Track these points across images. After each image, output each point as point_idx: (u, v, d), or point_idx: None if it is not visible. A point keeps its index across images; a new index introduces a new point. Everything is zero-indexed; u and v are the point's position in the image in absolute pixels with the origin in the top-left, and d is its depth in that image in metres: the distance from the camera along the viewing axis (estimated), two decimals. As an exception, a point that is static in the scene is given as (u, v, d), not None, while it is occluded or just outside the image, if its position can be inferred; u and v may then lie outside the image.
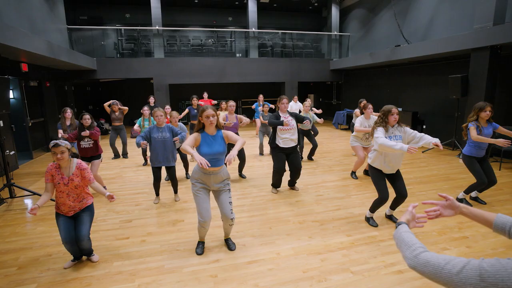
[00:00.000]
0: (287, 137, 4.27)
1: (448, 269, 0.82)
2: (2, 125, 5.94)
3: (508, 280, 0.73)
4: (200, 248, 2.97)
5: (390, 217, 3.61)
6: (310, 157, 6.66)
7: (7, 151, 5.98)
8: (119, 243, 3.17)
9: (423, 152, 7.16)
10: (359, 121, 4.95)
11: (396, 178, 3.34)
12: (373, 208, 3.45)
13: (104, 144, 8.74)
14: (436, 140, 3.17)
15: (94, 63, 9.29)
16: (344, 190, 4.66)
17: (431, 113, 8.03)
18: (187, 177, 5.45)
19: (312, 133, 6.70)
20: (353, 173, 5.35)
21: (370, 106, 4.91)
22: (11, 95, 7.03)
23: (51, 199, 3.00)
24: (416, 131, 3.26)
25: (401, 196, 3.32)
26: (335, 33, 11.67)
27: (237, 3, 11.99)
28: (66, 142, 2.62)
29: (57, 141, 2.55)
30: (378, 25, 10.09)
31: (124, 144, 7.12)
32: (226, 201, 2.83)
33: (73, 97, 9.59)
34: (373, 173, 3.37)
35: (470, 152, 3.88)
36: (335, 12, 11.65)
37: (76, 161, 2.70)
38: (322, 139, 9.02)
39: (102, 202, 4.28)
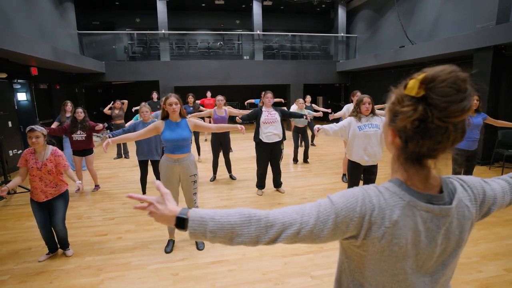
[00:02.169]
0: (270, 132, 4.31)
1: (306, 221, 0.71)
2: (10, 125, 6.31)
3: (357, 205, 0.71)
4: (170, 246, 3.05)
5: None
6: (305, 160, 6.62)
7: (15, 150, 6.35)
8: (97, 239, 3.30)
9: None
10: (346, 107, 5.02)
11: (373, 173, 3.29)
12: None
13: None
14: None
15: (103, 66, 9.66)
16: (331, 193, 4.59)
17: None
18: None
19: (309, 129, 6.61)
20: (344, 176, 5.28)
21: (358, 93, 4.87)
22: (22, 98, 7.45)
23: (27, 189, 3.14)
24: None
25: None
26: (341, 34, 11.52)
27: (243, 6, 12.09)
28: (42, 128, 2.75)
29: (33, 126, 2.70)
30: (385, 26, 9.88)
31: (125, 143, 7.34)
32: (190, 192, 2.95)
33: (84, 99, 10.00)
34: (351, 169, 3.32)
35: (461, 144, 3.75)
36: (341, 13, 11.51)
37: (51, 147, 2.84)
38: (322, 141, 8.93)
39: (90, 201, 4.46)
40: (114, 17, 11.95)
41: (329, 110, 7.25)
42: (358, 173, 3.28)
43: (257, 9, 11.03)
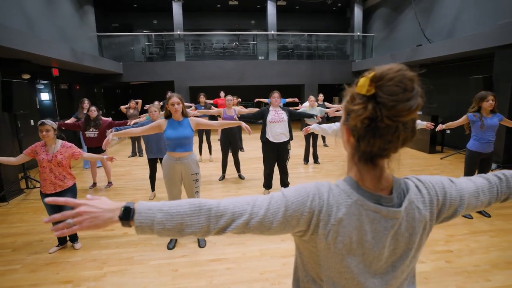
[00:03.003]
0: (277, 131, 4.30)
1: (256, 212, 0.71)
2: (32, 124, 6.64)
3: (307, 200, 0.71)
4: (172, 243, 3.11)
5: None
6: (316, 160, 6.55)
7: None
8: (104, 234, 3.41)
9: (441, 158, 6.68)
10: None
11: None
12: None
13: (126, 143, 9.35)
14: (424, 123, 3.26)
15: (121, 67, 9.97)
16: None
17: (454, 117, 7.42)
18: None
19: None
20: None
21: None
22: (44, 97, 7.83)
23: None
24: None
25: None
26: (357, 33, 11.31)
27: (258, 6, 12.12)
28: (52, 122, 2.90)
29: (44, 120, 2.85)
30: (402, 24, 9.61)
31: (139, 142, 7.55)
32: (192, 191, 2.99)
33: (102, 99, 10.36)
34: None
35: (474, 146, 3.60)
36: (358, 12, 11.29)
37: (61, 141, 2.98)
38: (335, 142, 8.78)
39: (102, 196, 4.61)
40: (132, 19, 12.31)
41: (339, 106, 7.15)
42: None
43: (271, 9, 11.02)
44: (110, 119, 5.16)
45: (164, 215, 0.69)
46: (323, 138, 8.32)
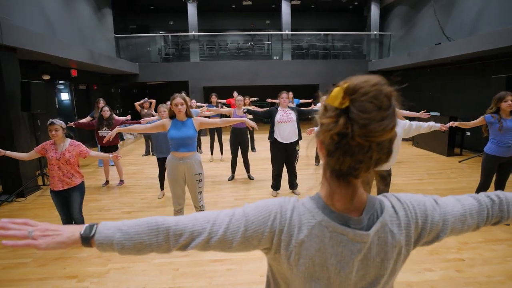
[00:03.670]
0: (285, 131, 4.26)
1: (215, 231, 0.69)
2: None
3: (268, 220, 0.67)
4: (176, 242, 3.14)
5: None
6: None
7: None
8: (112, 231, 3.49)
9: (460, 161, 6.40)
10: None
11: (384, 178, 3.10)
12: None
13: (140, 142, 9.56)
14: (438, 125, 3.08)
15: (137, 67, 10.21)
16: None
17: (474, 119, 7.11)
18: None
19: None
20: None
21: None
22: (64, 97, 8.14)
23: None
24: (407, 121, 3.03)
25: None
26: (374, 32, 11.03)
27: (273, 6, 12.08)
28: (61, 121, 2.99)
29: (53, 120, 2.95)
30: (421, 22, 9.28)
31: (152, 141, 7.68)
32: (196, 191, 3.01)
33: (119, 99, 10.65)
34: None
35: (492, 149, 3.41)
36: (375, 10, 11.02)
37: (69, 140, 3.07)
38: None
39: (113, 194, 4.74)
40: (149, 20, 12.58)
41: None
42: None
43: (285, 8, 10.95)
44: (123, 118, 5.29)
45: (122, 235, 0.68)
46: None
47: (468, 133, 7.43)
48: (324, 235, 0.64)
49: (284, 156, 4.43)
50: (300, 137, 4.42)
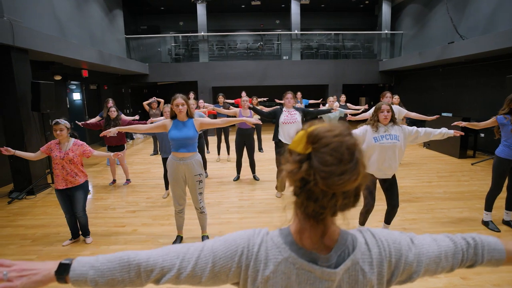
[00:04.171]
0: (289, 132, 4.22)
1: (184, 267, 0.69)
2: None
3: (236, 255, 0.68)
4: (177, 242, 3.15)
5: (385, 234, 3.27)
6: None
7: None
8: (115, 230, 3.54)
9: (472, 164, 6.20)
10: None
11: (390, 185, 3.01)
12: (362, 221, 3.18)
13: (149, 142, 9.67)
14: (451, 131, 2.90)
15: (147, 68, 10.35)
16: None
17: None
18: (205, 175, 5.71)
19: None
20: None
21: (388, 94, 4.50)
22: (76, 97, 8.32)
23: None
24: (415, 127, 2.92)
25: (393, 207, 3.00)
26: (385, 31, 10.83)
27: (283, 6, 12.02)
28: (66, 121, 3.07)
29: (58, 120, 3.02)
30: (434, 20, 9.05)
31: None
32: (196, 192, 3.00)
33: (130, 99, 10.82)
34: None
35: (504, 152, 3.28)
36: (386, 9, 10.81)
37: (73, 139, 3.14)
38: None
39: (119, 193, 4.81)
40: (160, 21, 12.73)
41: (363, 107, 6.89)
42: (372, 184, 3.03)
43: (295, 8, 10.88)
44: (131, 118, 5.36)
45: (95, 272, 0.69)
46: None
47: (482, 134, 7.19)
48: (291, 272, 0.64)
49: None
50: None
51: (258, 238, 0.68)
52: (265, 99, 8.88)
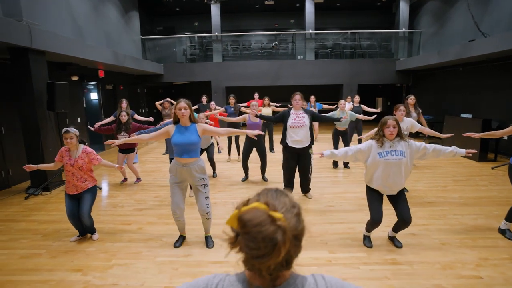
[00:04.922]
0: (297, 136, 4.14)
1: None
2: (79, 121, 7.31)
3: None
4: (179, 242, 3.18)
5: (392, 239, 3.16)
6: (346, 165, 6.24)
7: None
8: (121, 228, 3.61)
9: (493, 168, 5.90)
10: None
11: (398, 200, 2.88)
12: (368, 228, 3.08)
13: (162, 141, 9.83)
14: (462, 151, 2.76)
15: (161, 68, 10.53)
16: (360, 204, 4.23)
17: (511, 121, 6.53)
18: (214, 175, 5.74)
19: (356, 131, 6.64)
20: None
21: (402, 107, 4.34)
22: (93, 97, 8.58)
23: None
24: (423, 143, 2.80)
25: (403, 222, 2.85)
26: (403, 30, 10.50)
27: (298, 5, 11.91)
28: (75, 130, 3.16)
29: (68, 128, 3.11)
30: (455, 18, 8.68)
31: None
32: (202, 196, 2.99)
33: (145, 98, 11.04)
34: (369, 192, 2.99)
35: None
36: (404, 7, 10.48)
37: (82, 146, 3.22)
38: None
39: (128, 191, 4.91)
40: (175, 22, 12.94)
41: (378, 110, 6.75)
42: (378, 197, 2.91)
43: (309, 7, 10.76)
44: (144, 119, 5.44)
45: None
46: (359, 140, 7.88)
47: (505, 137, 6.83)
48: None
49: (296, 161, 4.31)
50: (312, 142, 4.29)
51: (216, 279, 0.75)
52: (278, 104, 8.77)
